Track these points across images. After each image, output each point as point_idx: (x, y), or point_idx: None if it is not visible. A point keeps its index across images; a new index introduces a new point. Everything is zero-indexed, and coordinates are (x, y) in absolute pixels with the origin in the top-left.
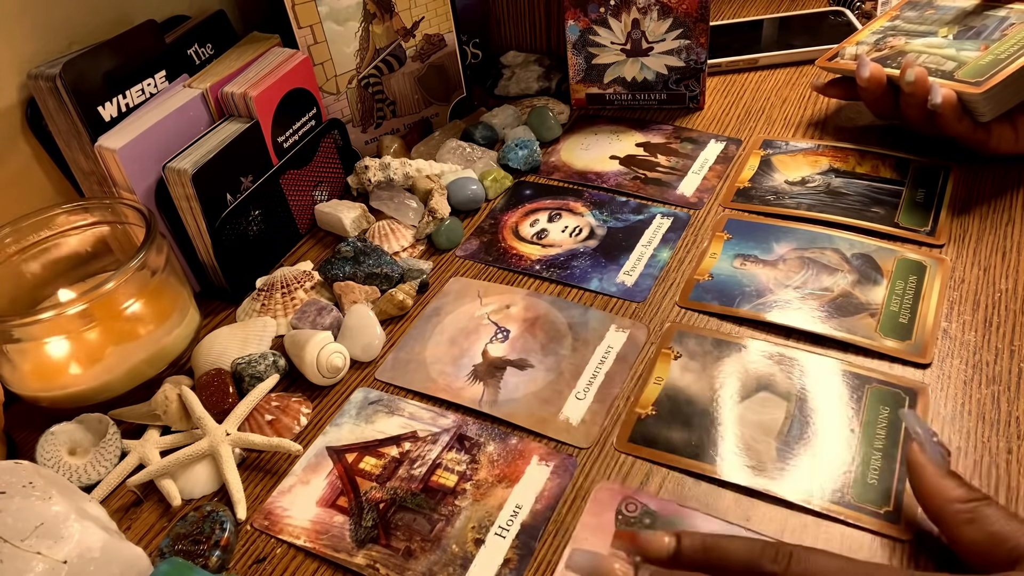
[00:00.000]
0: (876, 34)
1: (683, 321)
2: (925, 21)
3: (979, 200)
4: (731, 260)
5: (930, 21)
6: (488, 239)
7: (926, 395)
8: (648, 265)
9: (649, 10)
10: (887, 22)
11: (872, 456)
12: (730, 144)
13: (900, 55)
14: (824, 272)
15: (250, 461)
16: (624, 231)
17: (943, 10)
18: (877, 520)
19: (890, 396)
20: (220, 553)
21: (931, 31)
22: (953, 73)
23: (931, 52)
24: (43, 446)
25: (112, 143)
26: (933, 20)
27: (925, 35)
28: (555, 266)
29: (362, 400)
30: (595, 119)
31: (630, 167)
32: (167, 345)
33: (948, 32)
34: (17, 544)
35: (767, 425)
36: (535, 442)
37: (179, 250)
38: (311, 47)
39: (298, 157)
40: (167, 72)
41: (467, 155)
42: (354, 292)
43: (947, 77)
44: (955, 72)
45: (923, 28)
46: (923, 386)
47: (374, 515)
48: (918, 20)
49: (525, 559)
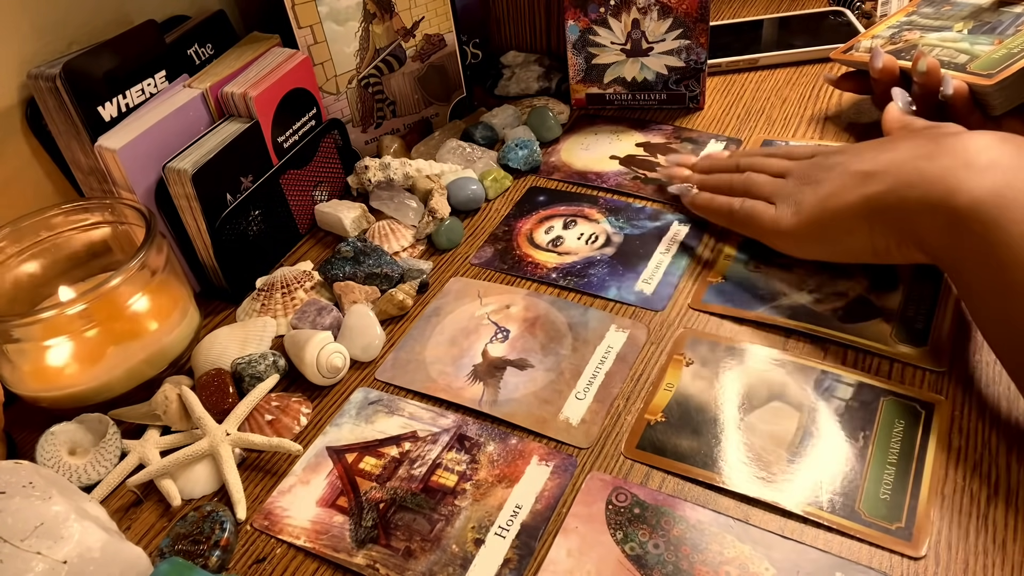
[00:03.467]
0: (892, 28)
1: (691, 325)
2: (941, 16)
3: None
4: (745, 263)
5: (946, 16)
6: (503, 247)
7: (943, 408)
8: (667, 273)
9: (649, 10)
10: (904, 17)
11: (885, 471)
12: (730, 144)
13: (913, 48)
14: (839, 276)
15: (250, 461)
16: (641, 238)
17: (959, 6)
18: (888, 536)
19: (905, 409)
20: (220, 553)
21: (946, 26)
22: (966, 66)
23: (945, 46)
24: (43, 446)
25: (112, 143)
26: (949, 16)
27: (940, 30)
28: (572, 274)
29: (362, 400)
30: (595, 119)
31: (630, 167)
32: (167, 345)
33: (963, 27)
34: (17, 544)
35: (778, 435)
36: (535, 442)
37: (179, 250)
38: (311, 47)
39: (298, 157)
40: (167, 72)
41: (467, 155)
42: (354, 292)
43: (959, 69)
44: (968, 65)
45: (939, 23)
46: (939, 399)
47: (374, 515)
48: (934, 16)
49: (525, 559)
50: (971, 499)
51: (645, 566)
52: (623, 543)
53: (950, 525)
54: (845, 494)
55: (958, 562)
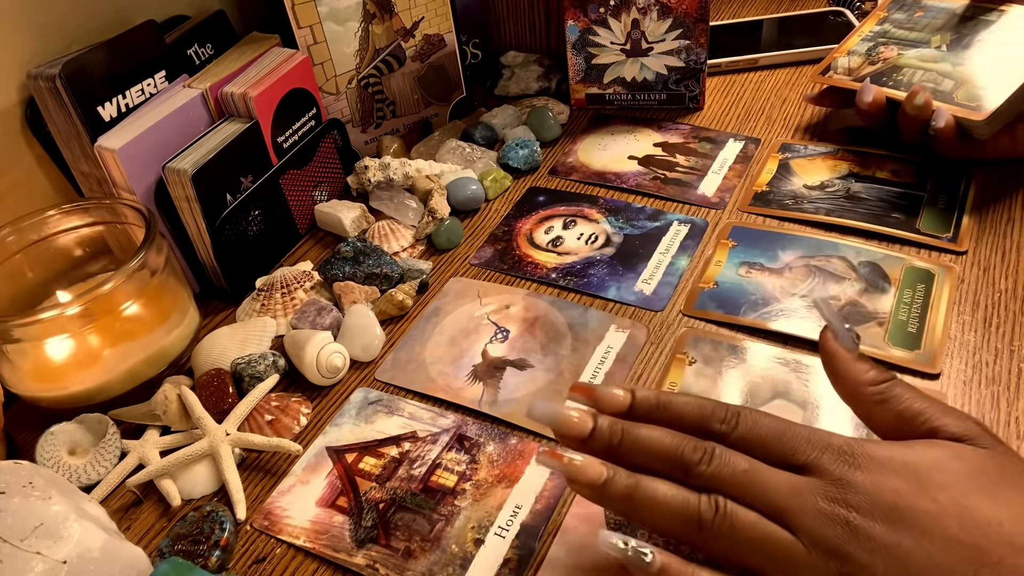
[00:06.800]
0: (866, 41)
1: (692, 324)
2: (915, 26)
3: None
4: (736, 268)
5: (920, 26)
6: (503, 247)
7: None
8: (667, 273)
9: (649, 10)
10: (875, 26)
11: None
12: (749, 143)
13: (895, 69)
14: (831, 280)
15: (250, 461)
16: (641, 238)
17: (932, 11)
18: None
19: None
20: (220, 553)
21: (923, 39)
22: (952, 95)
23: (926, 68)
24: (43, 446)
25: (112, 143)
26: (924, 25)
27: (917, 44)
28: (572, 274)
29: (362, 400)
30: (610, 119)
31: (649, 167)
32: (167, 345)
33: (941, 42)
34: (17, 544)
35: None
36: (535, 442)
37: (179, 250)
38: (311, 47)
39: (298, 157)
40: (167, 72)
41: (467, 155)
42: (354, 292)
43: (946, 99)
44: (955, 94)
45: (914, 35)
46: (941, 395)
47: (374, 515)
48: (908, 24)
49: (525, 559)
50: None
51: None
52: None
53: None
54: None
55: None
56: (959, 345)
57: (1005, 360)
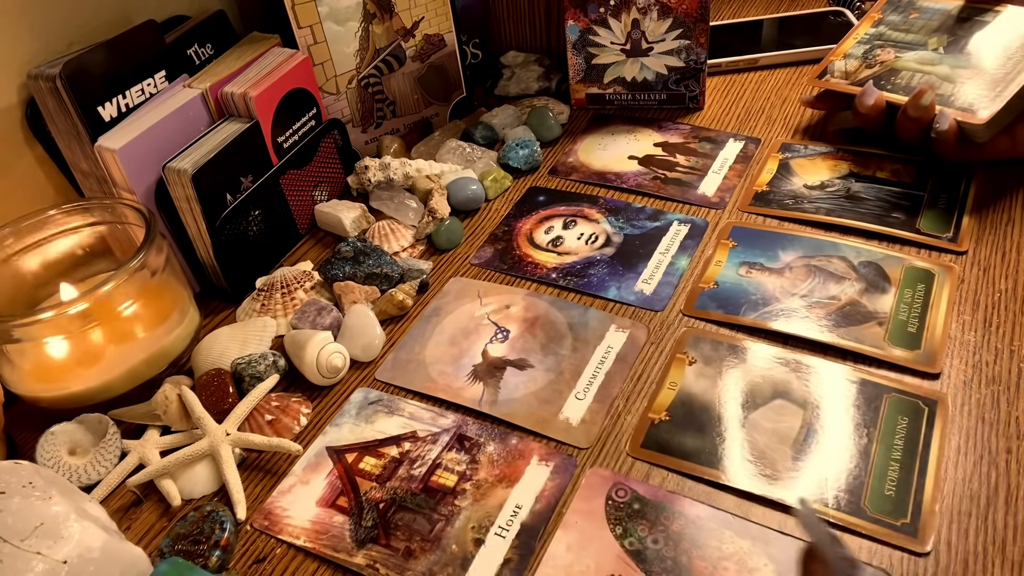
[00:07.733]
0: (862, 44)
1: (692, 324)
2: (911, 28)
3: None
4: (736, 268)
5: (916, 28)
6: (503, 247)
7: (945, 405)
8: (667, 273)
9: (649, 10)
10: (871, 28)
11: (889, 467)
12: (749, 143)
13: (892, 72)
14: (831, 280)
15: (250, 461)
16: (641, 238)
17: (928, 12)
18: (894, 532)
19: (909, 406)
20: (220, 553)
21: (919, 41)
22: (951, 97)
23: (925, 71)
24: (43, 446)
25: (112, 143)
26: (919, 27)
27: (914, 46)
28: (572, 274)
29: (362, 400)
30: (611, 119)
31: (649, 167)
32: (167, 345)
33: (938, 44)
34: (17, 544)
35: (782, 433)
36: (535, 442)
37: (179, 250)
38: (311, 47)
39: (298, 157)
40: (167, 72)
41: (467, 155)
42: (354, 292)
43: (945, 102)
44: (953, 96)
45: (910, 37)
46: (942, 395)
47: (374, 515)
48: (903, 26)
49: (525, 559)
50: (971, 499)
51: (644, 561)
52: (622, 538)
53: (950, 524)
54: (850, 491)
55: (958, 562)
56: (959, 345)
57: (1005, 360)
